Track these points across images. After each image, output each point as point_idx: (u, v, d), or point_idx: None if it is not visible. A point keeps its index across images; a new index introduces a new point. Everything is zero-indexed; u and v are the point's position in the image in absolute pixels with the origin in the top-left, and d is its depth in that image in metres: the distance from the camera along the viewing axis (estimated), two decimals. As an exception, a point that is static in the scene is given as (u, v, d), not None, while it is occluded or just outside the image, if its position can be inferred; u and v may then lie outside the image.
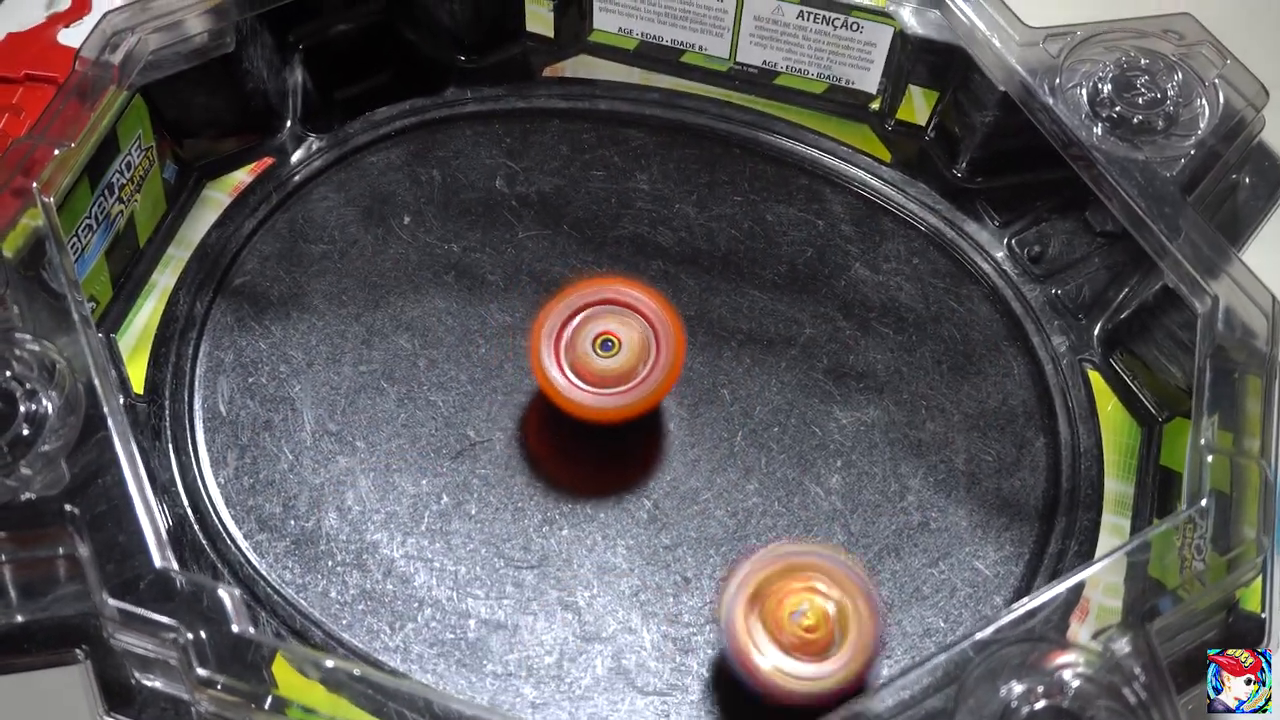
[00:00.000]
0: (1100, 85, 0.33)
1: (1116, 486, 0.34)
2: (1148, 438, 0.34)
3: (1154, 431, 0.34)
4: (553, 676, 0.30)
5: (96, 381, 0.27)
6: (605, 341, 0.32)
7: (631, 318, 0.32)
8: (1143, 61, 0.33)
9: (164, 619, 0.24)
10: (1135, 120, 0.32)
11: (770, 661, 0.27)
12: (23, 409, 0.27)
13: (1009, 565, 0.32)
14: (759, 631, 0.27)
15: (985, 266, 0.37)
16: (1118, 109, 0.32)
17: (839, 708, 0.25)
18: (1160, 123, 0.32)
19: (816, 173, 0.39)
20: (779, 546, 0.28)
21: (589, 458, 0.34)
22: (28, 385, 0.27)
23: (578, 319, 0.32)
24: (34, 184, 0.29)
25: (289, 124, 0.39)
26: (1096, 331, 0.36)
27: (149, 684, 0.26)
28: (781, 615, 0.27)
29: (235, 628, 0.24)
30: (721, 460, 0.34)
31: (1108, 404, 0.35)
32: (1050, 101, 0.33)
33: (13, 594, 0.27)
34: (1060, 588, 0.25)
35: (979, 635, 0.24)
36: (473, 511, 0.33)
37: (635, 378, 0.31)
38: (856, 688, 0.26)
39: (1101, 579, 0.27)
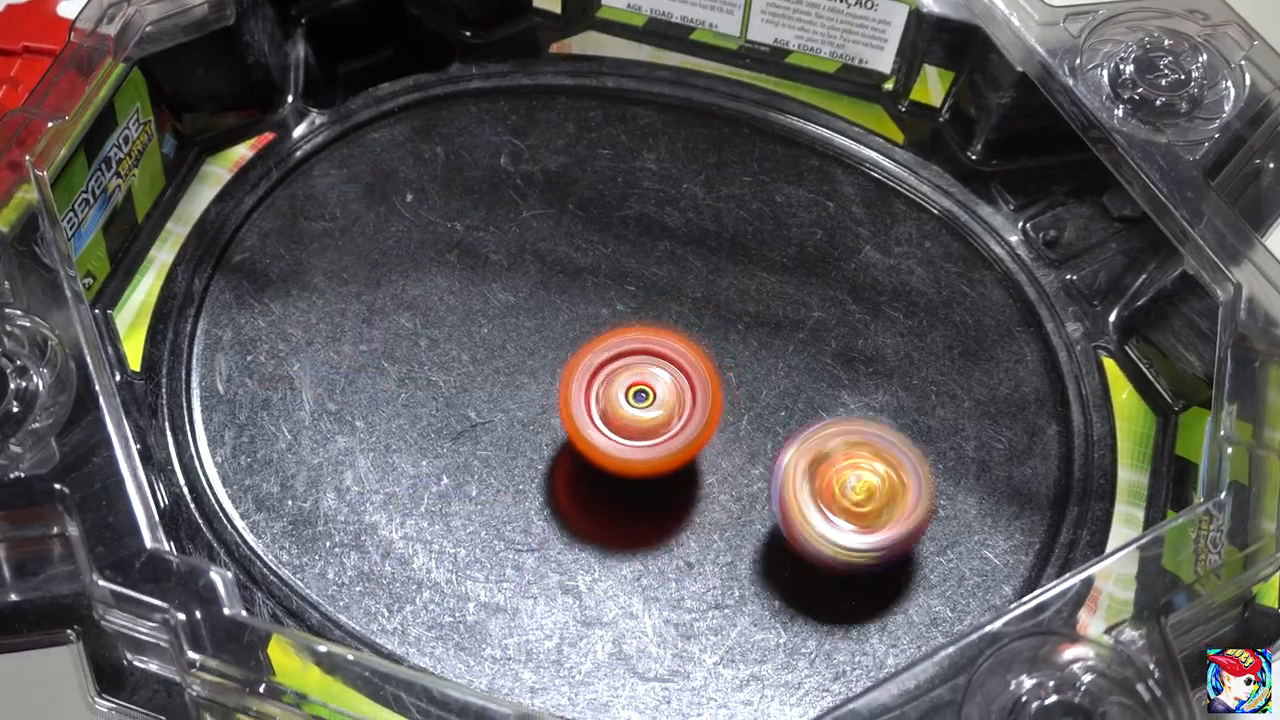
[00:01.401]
0: (1122, 66, 0.32)
1: (1130, 476, 0.33)
2: (1163, 427, 0.34)
3: (1169, 420, 0.34)
4: (552, 661, 0.30)
5: (88, 359, 0.27)
6: (639, 392, 0.31)
7: (667, 368, 0.31)
8: (1166, 42, 0.32)
9: (153, 600, 0.24)
10: (1158, 102, 0.31)
11: (821, 530, 0.29)
12: (13, 386, 0.26)
13: (1019, 555, 0.32)
14: (809, 500, 0.29)
15: (999, 251, 0.37)
16: (1140, 91, 0.32)
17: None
18: (1184, 105, 0.31)
19: (828, 153, 0.38)
20: (832, 424, 0.30)
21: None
22: (18, 362, 0.26)
23: (610, 368, 0.31)
24: (27, 156, 0.29)
25: (290, 99, 0.39)
26: (1112, 318, 0.35)
27: (142, 666, 0.26)
28: (834, 486, 0.29)
29: (227, 610, 0.24)
30: (726, 444, 0.33)
31: (1122, 392, 0.34)
32: (1070, 83, 0.32)
33: (5, 572, 0.26)
34: (1073, 580, 0.25)
35: (989, 627, 0.24)
36: (473, 493, 0.32)
37: (670, 430, 0.30)
38: (897, 558, 0.30)
39: (1114, 570, 0.26)
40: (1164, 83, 0.32)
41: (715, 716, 0.29)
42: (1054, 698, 0.22)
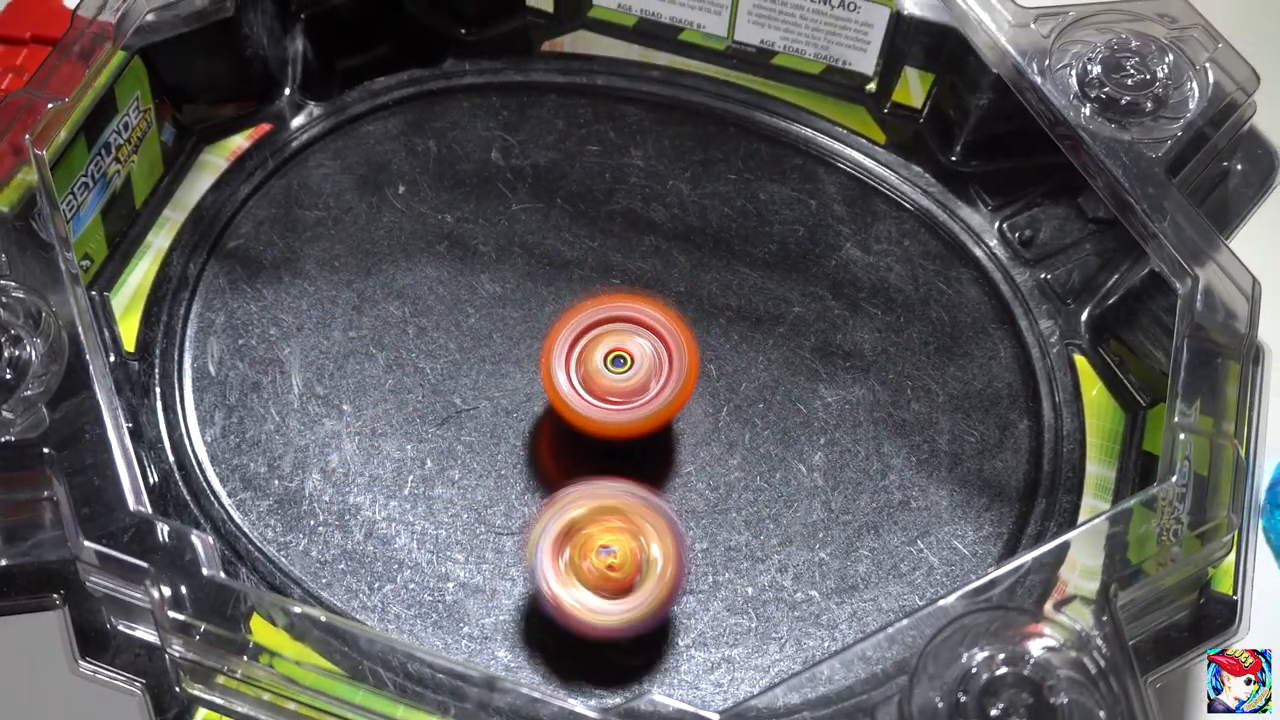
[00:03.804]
0: (1090, 66, 0.33)
1: (1098, 470, 0.34)
2: (1131, 423, 0.34)
3: (1138, 417, 0.34)
4: (528, 641, 0.31)
5: (82, 335, 0.28)
6: (617, 358, 0.32)
7: (645, 335, 0.32)
8: (1134, 43, 0.33)
9: (137, 561, 0.25)
10: (1124, 101, 0.32)
11: (575, 598, 0.28)
12: (6, 354, 0.27)
13: (987, 545, 0.32)
14: (564, 570, 0.28)
15: (976, 250, 0.37)
16: (1106, 90, 0.32)
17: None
18: (1149, 104, 0.32)
19: (811, 153, 0.39)
20: (587, 488, 0.29)
21: (573, 428, 0.34)
22: (12, 331, 0.27)
23: (590, 335, 0.32)
24: (26, 135, 0.30)
25: (288, 91, 0.39)
26: (1084, 317, 0.36)
27: (125, 631, 0.26)
28: (588, 554, 0.28)
29: (206, 572, 0.25)
30: (705, 434, 0.34)
31: (1093, 388, 0.35)
32: (1039, 81, 0.33)
33: (-6, 537, 0.27)
34: (1027, 558, 0.25)
35: (942, 602, 0.24)
36: (456, 477, 0.33)
37: (646, 394, 0.31)
38: (654, 623, 0.29)
39: (1079, 561, 0.27)
40: (1130, 82, 0.32)
41: (686, 696, 0.30)
42: (1004, 670, 0.23)
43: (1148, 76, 0.32)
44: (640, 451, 0.33)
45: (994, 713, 0.22)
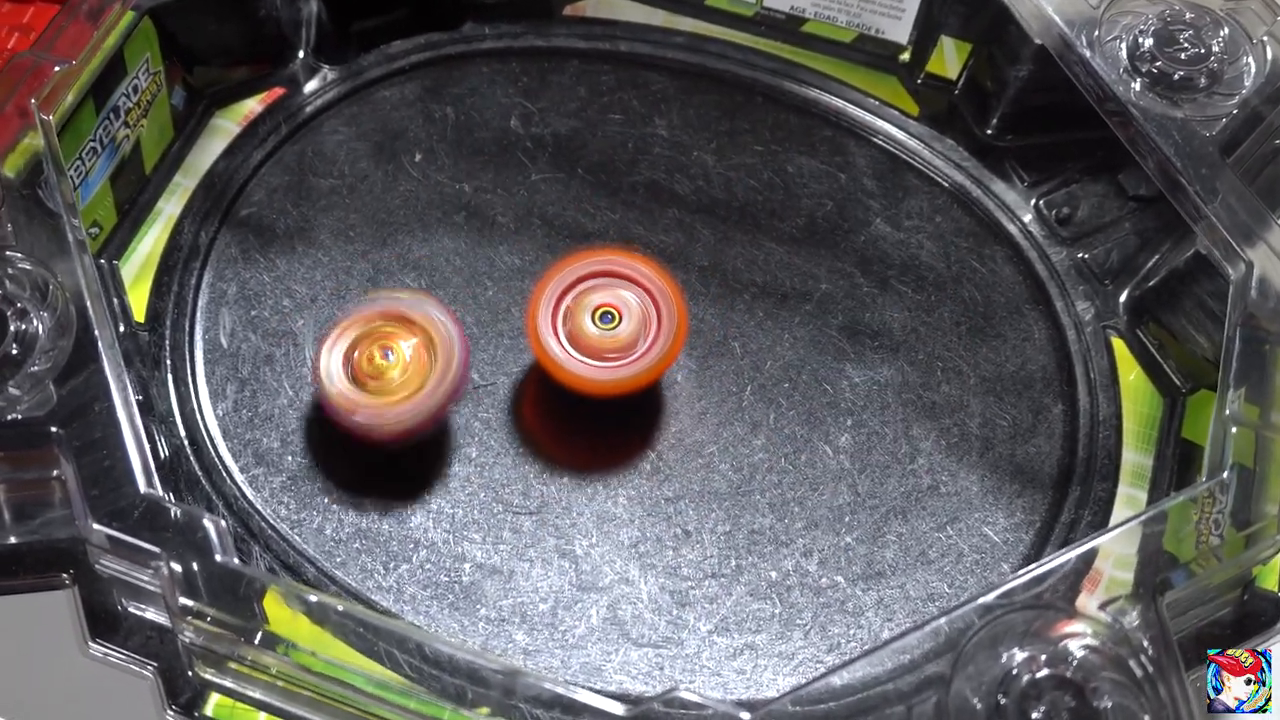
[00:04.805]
0: (1141, 39, 0.31)
1: (1134, 458, 0.33)
2: (1170, 409, 0.33)
3: (1177, 403, 0.33)
4: (546, 624, 0.30)
5: (90, 307, 0.27)
6: (605, 314, 0.31)
7: (634, 291, 0.31)
8: (1187, 15, 0.32)
9: (148, 545, 0.24)
10: (1176, 77, 0.31)
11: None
12: (12, 328, 0.26)
13: (1019, 533, 0.32)
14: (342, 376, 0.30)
15: (1011, 227, 0.36)
16: (1158, 64, 0.31)
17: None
18: (1202, 80, 0.31)
19: (841, 124, 0.38)
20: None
21: (593, 406, 0.34)
22: (19, 304, 0.26)
23: (577, 290, 0.31)
24: (32, 100, 0.29)
25: (302, 54, 0.38)
26: (1123, 298, 0.35)
27: (137, 612, 0.26)
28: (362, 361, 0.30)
29: (219, 557, 0.24)
30: (729, 414, 0.33)
31: (1130, 373, 0.34)
32: (1088, 54, 0.31)
33: (3, 515, 0.26)
34: (1070, 554, 0.24)
35: (982, 599, 0.24)
36: (473, 455, 0.32)
37: (635, 351, 0.31)
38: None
39: (1114, 550, 0.26)
40: (1183, 56, 0.31)
41: (708, 684, 0.29)
42: (1045, 671, 0.22)
43: (1201, 50, 0.31)
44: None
45: (1035, 716, 0.22)
